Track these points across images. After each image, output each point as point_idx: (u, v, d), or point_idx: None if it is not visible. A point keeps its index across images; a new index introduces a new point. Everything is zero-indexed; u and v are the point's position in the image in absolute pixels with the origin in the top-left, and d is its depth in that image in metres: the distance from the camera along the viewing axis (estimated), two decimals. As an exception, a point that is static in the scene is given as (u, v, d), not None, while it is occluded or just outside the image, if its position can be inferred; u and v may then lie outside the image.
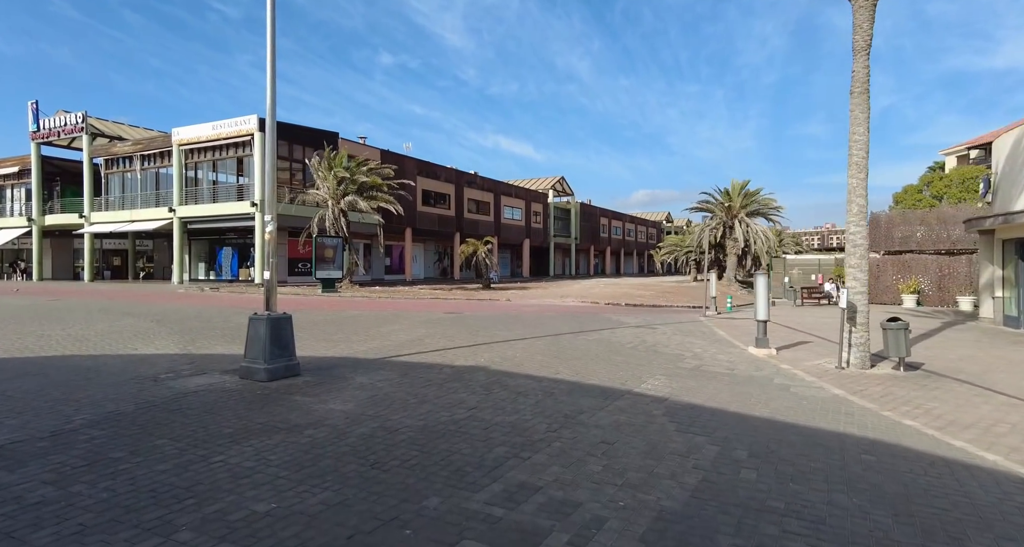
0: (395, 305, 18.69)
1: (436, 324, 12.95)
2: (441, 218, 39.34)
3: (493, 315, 15.50)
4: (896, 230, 30.41)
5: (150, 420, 5.10)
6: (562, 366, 7.86)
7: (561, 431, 4.91)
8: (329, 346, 9.51)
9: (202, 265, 33.11)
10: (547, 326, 12.90)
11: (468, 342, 10.05)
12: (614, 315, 16.60)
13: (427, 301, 20.83)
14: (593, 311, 18.00)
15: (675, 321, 15.13)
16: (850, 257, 8.31)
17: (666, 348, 9.80)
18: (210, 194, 29.28)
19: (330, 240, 23.24)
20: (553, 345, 9.86)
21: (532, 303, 21.21)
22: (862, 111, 8.02)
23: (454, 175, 40.70)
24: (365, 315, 14.91)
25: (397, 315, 15.00)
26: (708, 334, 12.20)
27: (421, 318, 14.27)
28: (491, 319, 14.30)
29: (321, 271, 22.61)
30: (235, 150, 28.48)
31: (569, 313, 16.91)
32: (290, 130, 29.07)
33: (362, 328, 12.02)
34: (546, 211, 52.82)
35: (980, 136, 59.23)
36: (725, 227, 40.04)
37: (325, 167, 24.76)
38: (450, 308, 17.70)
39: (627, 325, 13.57)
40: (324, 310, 16.22)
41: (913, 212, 29.71)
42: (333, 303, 19.03)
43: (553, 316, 15.67)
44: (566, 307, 19.81)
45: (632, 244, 73.48)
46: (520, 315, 15.65)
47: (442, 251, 43.77)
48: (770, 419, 5.43)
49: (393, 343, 9.85)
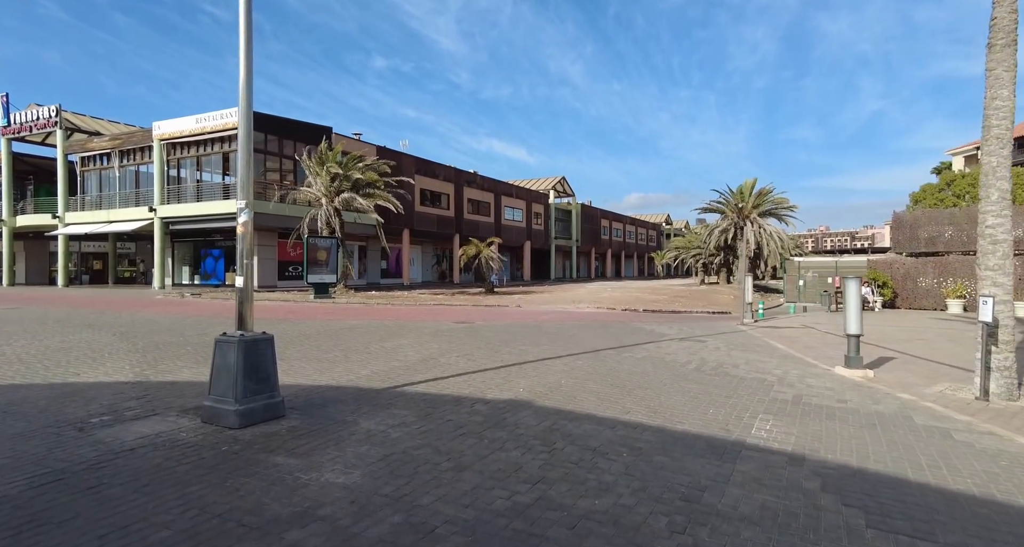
0: (396, 313, 16.82)
1: (448, 337, 11.11)
2: (440, 219, 37.51)
3: (509, 325, 13.67)
4: (922, 230, 28.84)
5: (32, 517, 3.22)
6: (628, 400, 6.06)
7: (693, 531, 3.10)
8: (323, 368, 7.65)
9: (186, 269, 31.07)
10: (578, 339, 11.10)
11: (494, 362, 8.22)
12: (643, 324, 14.83)
13: (430, 308, 18.98)
14: (616, 319, 16.22)
15: (715, 331, 13.36)
16: (987, 257, 6.56)
17: (736, 369, 8.02)
18: (194, 192, 27.29)
19: (323, 241, 21.36)
20: (598, 365, 8.05)
21: (545, 309, 19.40)
22: (1006, 69, 6.30)
23: (453, 174, 38.90)
24: (364, 326, 13.05)
25: (400, 326, 13.14)
26: (766, 348, 10.44)
27: (428, 329, 12.42)
28: (509, 330, 12.47)
29: (313, 275, 20.70)
30: (220, 145, 26.53)
31: (592, 322, 15.12)
32: (280, 124, 27.17)
33: (362, 343, 10.16)
34: (547, 212, 51.10)
35: (988, 136, 58.23)
36: (736, 228, 38.46)
37: (317, 162, 22.88)
38: (458, 316, 15.86)
39: (667, 337, 11.78)
40: (317, 320, 14.34)
41: (941, 211, 28.17)
42: (327, 311, 17.15)
43: (577, 326, 13.87)
44: (584, 314, 18.02)
45: (632, 246, 71.92)
46: (540, 325, 13.83)
47: (441, 254, 41.91)
48: (988, 499, 3.64)
49: (402, 364, 8.01)
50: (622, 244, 68.52)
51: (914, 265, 21.96)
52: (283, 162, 27.79)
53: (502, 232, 42.09)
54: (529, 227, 47.44)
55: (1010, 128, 6.43)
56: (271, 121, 26.78)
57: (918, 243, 28.81)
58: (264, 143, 26.70)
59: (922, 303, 21.17)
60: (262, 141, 26.62)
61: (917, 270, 21.64)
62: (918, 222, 28.92)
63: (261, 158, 26.73)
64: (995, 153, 6.43)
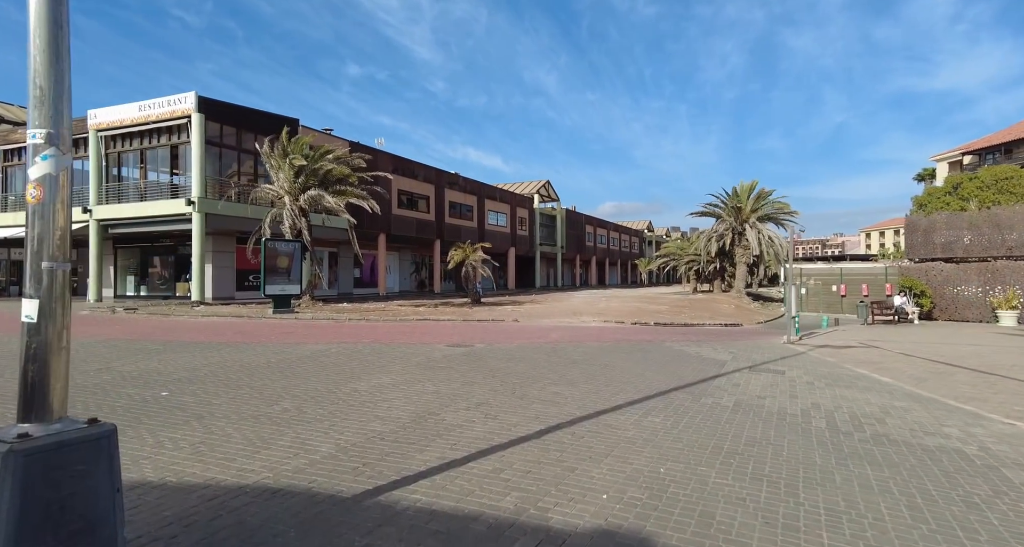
0: (373, 332, 13.84)
1: (446, 370, 8.24)
2: (419, 223, 34.51)
3: (518, 349, 10.84)
4: (937, 235, 26.96)
5: None
6: (813, 524, 3.30)
7: None
8: (257, 441, 4.71)
9: (132, 278, 27.40)
10: (619, 371, 8.35)
11: (526, 421, 5.40)
12: (674, 343, 12.19)
13: (413, 325, 16.02)
14: (637, 336, 13.53)
15: (771, 354, 10.77)
16: None
17: (883, 425, 5.39)
18: (137, 191, 23.80)
19: (284, 245, 18.17)
20: (688, 427, 5.30)
21: (547, 325, 16.65)
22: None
23: (434, 174, 35.98)
24: (331, 352, 10.07)
25: (379, 352, 10.20)
26: (868, 381, 7.88)
27: (417, 357, 9.52)
28: (522, 357, 9.64)
29: (272, 285, 17.49)
30: (168, 136, 23.15)
31: (613, 341, 12.40)
32: (239, 114, 23.94)
33: (326, 383, 7.22)
34: (532, 217, 48.50)
35: (973, 142, 57.97)
36: (734, 233, 36.39)
37: (279, 155, 19.76)
38: (450, 336, 12.97)
39: (728, 366, 9.13)
40: (271, 342, 11.28)
41: (958, 215, 26.38)
42: (286, 330, 14.07)
43: (601, 348, 11.13)
44: (595, 330, 15.31)
45: (616, 254, 69.84)
46: (555, 348, 11.04)
47: (420, 261, 38.85)
48: None
49: (386, 429, 5.12)
50: (606, 251, 66.34)
51: (955, 271, 19.87)
52: (242, 156, 24.53)
53: (486, 237, 39.19)
54: (514, 233, 44.74)
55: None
56: (228, 110, 23.55)
57: (933, 248, 26.98)
58: (220, 135, 23.43)
59: (965, 314, 19.10)
60: (218, 133, 23.36)
61: (959, 277, 19.55)
62: (934, 226, 27.10)
63: (217, 152, 23.45)
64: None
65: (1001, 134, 54.27)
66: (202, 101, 21.99)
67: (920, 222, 27.24)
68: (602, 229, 65.04)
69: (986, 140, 54.73)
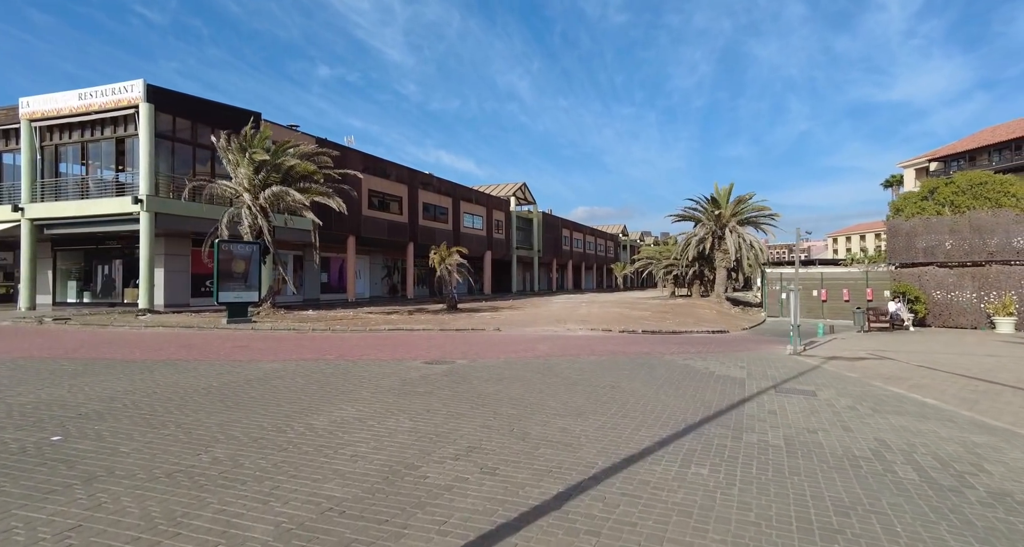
0: (339, 345, 12.32)
1: (425, 398, 6.85)
2: (391, 225, 32.88)
3: (507, 365, 9.51)
4: (919, 239, 26.69)
5: None
6: None
7: None
8: (156, 530, 3.26)
9: (73, 284, 25.07)
10: (627, 395, 7.09)
11: (536, 480, 4.07)
12: (675, 356, 11.05)
13: (385, 335, 14.53)
14: (631, 348, 12.34)
15: (788, 371, 9.70)
16: None
17: (989, 474, 4.25)
18: (77, 188, 21.64)
19: (240, 247, 16.42)
20: (746, 481, 4.06)
21: (532, 334, 15.38)
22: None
23: (406, 174, 34.41)
24: (287, 372, 8.56)
25: (344, 371, 8.73)
26: (914, 405, 6.80)
27: (389, 378, 8.09)
28: (514, 377, 8.31)
29: (226, 292, 15.71)
30: (113, 128, 21.12)
31: (608, 354, 11.18)
32: (194, 106, 22.05)
33: (275, 419, 5.76)
34: (508, 220, 47.25)
35: (939, 149, 59.19)
36: (714, 237, 35.83)
37: (237, 149, 18.03)
38: (426, 349, 11.55)
39: (750, 387, 7.98)
40: (219, 360, 9.69)
41: (940, 219, 26.15)
42: (239, 343, 12.42)
43: (598, 363, 9.88)
44: (585, 340, 14.09)
45: (592, 258, 69.14)
46: (548, 363, 9.73)
47: (392, 265, 37.16)
48: None
49: (351, 497, 3.73)
50: (582, 255, 65.56)
51: (948, 276, 19.35)
52: (198, 153, 22.61)
53: (462, 241, 37.80)
54: (490, 236, 43.40)
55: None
56: (182, 101, 21.65)
57: (915, 253, 26.69)
58: (172, 128, 21.51)
59: (959, 321, 18.56)
60: (170, 126, 21.43)
61: (953, 282, 19.00)
62: (915, 231, 26.81)
63: (169, 147, 21.50)
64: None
65: (965, 142, 55.52)
66: (152, 90, 20.07)
67: (902, 226, 26.96)
68: (578, 233, 64.24)
69: (951, 147, 55.92)
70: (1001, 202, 29.61)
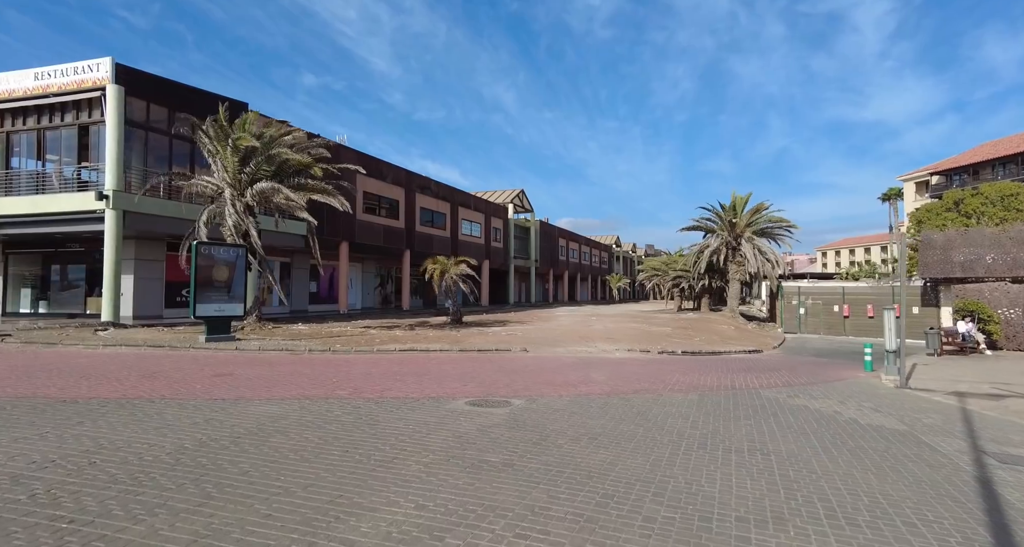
0: (347, 372, 9.89)
1: (508, 475, 4.49)
2: (387, 231, 30.43)
3: (581, 408, 7.19)
4: (956, 253, 25.12)
5: None
6: None
7: None
8: None
9: (27, 292, 22.15)
10: (807, 471, 4.85)
11: None
12: (766, 389, 8.89)
13: (398, 358, 12.12)
14: (695, 377, 10.14)
15: (948, 419, 7.56)
16: None
17: None
18: (32, 182, 18.89)
19: (223, 251, 13.84)
20: None
21: (565, 355, 13.16)
22: None
23: (404, 177, 32.04)
24: (290, 422, 6.13)
25: (370, 419, 6.32)
26: None
27: (438, 433, 5.72)
28: (607, 431, 5.99)
29: (205, 304, 13.09)
30: (75, 114, 18.48)
31: (689, 389, 8.95)
32: (171, 90, 19.52)
33: (285, 528, 3.36)
34: (506, 228, 45.05)
35: (940, 162, 58.61)
36: (728, 248, 34.02)
37: (219, 136, 15.56)
38: (460, 379, 9.20)
39: (913, 438, 5.80)
40: (191, 399, 7.20)
41: (980, 231, 24.59)
42: (220, 368, 9.91)
43: (694, 405, 7.63)
44: (631, 364, 11.86)
45: (587, 269, 67.21)
46: (634, 404, 7.45)
47: (385, 273, 34.63)
48: None
49: None
50: (578, 266, 63.58)
51: (1021, 293, 17.51)
52: (176, 145, 20.03)
53: (459, 249, 35.45)
54: (488, 244, 41.11)
55: None
56: (157, 85, 19.13)
57: (952, 267, 25.06)
58: (146, 115, 18.93)
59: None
60: (143, 113, 18.86)
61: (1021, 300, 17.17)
62: (951, 243, 25.22)
63: (141, 137, 18.92)
64: None
65: (967, 155, 54.98)
66: (122, 70, 17.53)
67: (936, 239, 25.38)
68: (574, 243, 62.30)
69: (953, 161, 55.35)
70: None
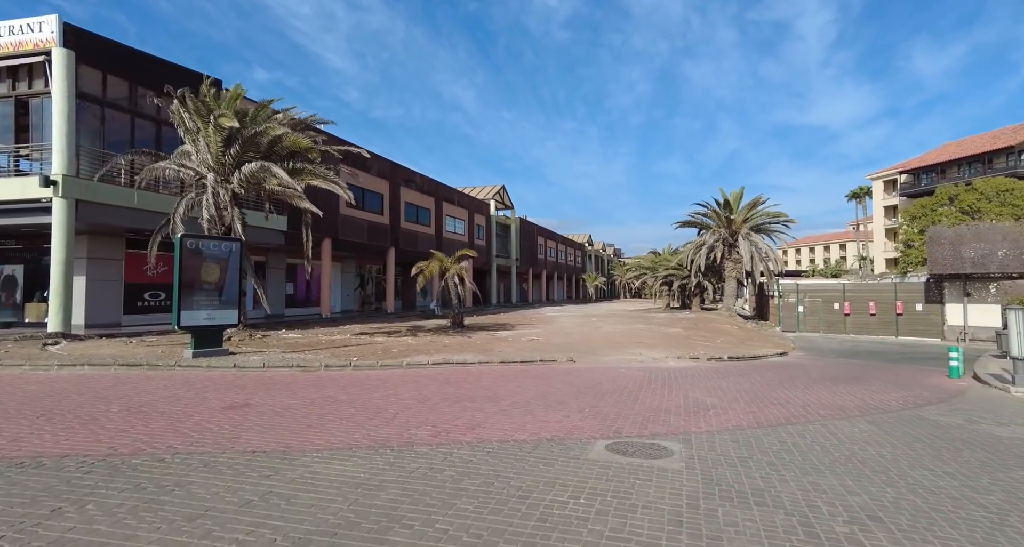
0: (395, 399, 7.79)
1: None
2: (372, 227, 27.96)
3: (761, 452, 5.41)
4: (967, 248, 24.78)
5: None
6: None
7: None
8: None
9: (-47, 296, 18.71)
10: None
11: None
12: (910, 409, 7.34)
13: (437, 373, 10.05)
14: (795, 393, 8.57)
15: None
16: None
17: None
18: (-42, 164, 15.69)
19: (214, 245, 11.23)
20: None
21: (618, 365, 11.41)
22: None
23: (389, 169, 29.61)
24: (392, 504, 4.06)
25: (491, 489, 4.32)
26: None
27: (605, 507, 3.80)
28: (884, 508, 4.21)
29: (193, 311, 10.51)
30: (12, 83, 15.45)
31: (838, 414, 7.33)
32: (133, 59, 16.69)
33: None
34: (489, 225, 43.03)
35: (908, 161, 60.03)
36: (725, 245, 33.11)
37: (198, 112, 13.02)
38: (547, 405, 7.27)
39: None
40: (214, 451, 4.99)
41: (991, 226, 24.28)
42: (229, 397, 7.61)
43: (881, 441, 5.98)
44: (704, 376, 10.20)
45: (564, 268, 65.88)
46: (816, 439, 5.72)
47: (366, 273, 32.06)
48: None
49: None
50: (555, 265, 62.13)
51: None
52: (139, 124, 17.17)
53: (444, 246, 33.19)
54: (471, 242, 38.97)
55: None
56: (116, 52, 16.28)
57: (963, 263, 24.70)
58: (102, 87, 16.05)
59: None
60: (98, 84, 15.97)
61: (1078, 296, 16.44)
62: (961, 239, 24.85)
63: (97, 113, 16.02)
64: None
65: (932, 155, 56.44)
66: (71, 32, 14.67)
67: (945, 233, 25.00)
68: (551, 241, 60.82)
69: (920, 160, 56.73)
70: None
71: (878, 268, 57.98)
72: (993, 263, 23.59)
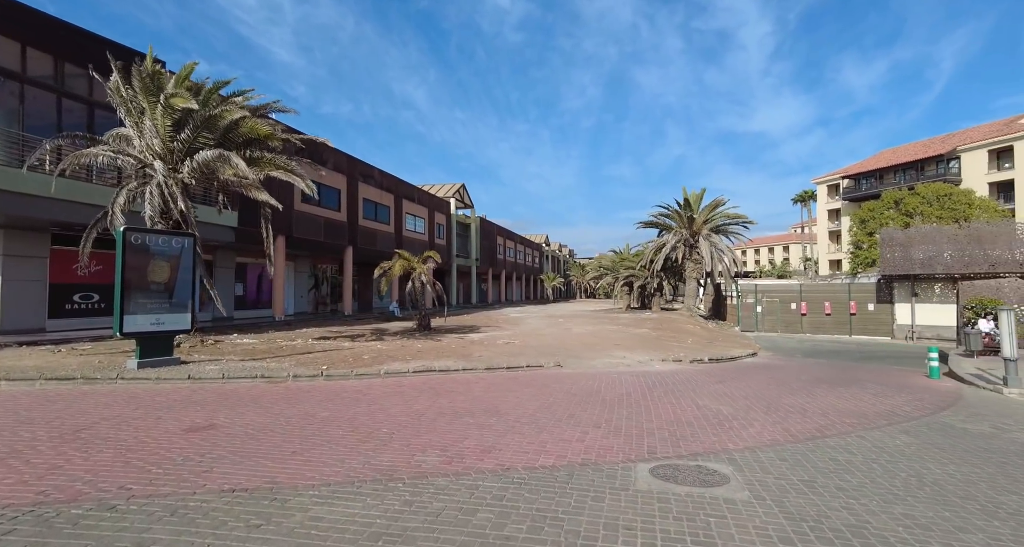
0: (384, 415, 6.88)
1: None
2: (329, 224, 26.46)
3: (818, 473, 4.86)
4: (916, 250, 25.84)
5: None
6: None
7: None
8: None
9: None
10: None
11: None
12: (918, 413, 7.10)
13: (419, 384, 9.14)
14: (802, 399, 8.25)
15: None
16: None
17: None
18: None
19: (163, 241, 9.76)
20: None
21: (605, 369, 10.85)
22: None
23: (346, 163, 28.14)
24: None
25: (542, 536, 3.58)
26: None
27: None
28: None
29: (138, 315, 9.10)
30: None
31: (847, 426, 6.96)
32: (59, 31, 14.87)
33: None
34: (449, 224, 41.94)
35: (848, 167, 62.91)
36: (686, 246, 33.40)
37: (143, 90, 11.56)
38: (558, 421, 6.55)
39: None
40: (181, 494, 3.99)
41: (938, 229, 25.34)
42: (188, 419, 6.48)
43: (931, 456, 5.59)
44: (695, 380, 9.80)
45: (522, 268, 65.40)
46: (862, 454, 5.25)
47: (320, 274, 30.42)
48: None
49: None
50: (513, 265, 61.54)
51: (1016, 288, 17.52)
52: (66, 105, 15.32)
53: (404, 245, 31.96)
54: (432, 241, 37.79)
55: None
56: (39, 22, 14.45)
57: (912, 264, 25.68)
58: (21, 62, 14.19)
59: (1039, 339, 16.70)
60: (16, 58, 14.11)
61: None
62: (911, 241, 25.87)
63: (16, 91, 14.14)
64: None
65: (871, 161, 59.39)
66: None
67: (896, 236, 25.96)
68: (511, 241, 60.20)
69: (860, 166, 59.57)
70: (967, 213, 30.15)
71: (822, 269, 60.46)
72: (940, 264, 24.63)
